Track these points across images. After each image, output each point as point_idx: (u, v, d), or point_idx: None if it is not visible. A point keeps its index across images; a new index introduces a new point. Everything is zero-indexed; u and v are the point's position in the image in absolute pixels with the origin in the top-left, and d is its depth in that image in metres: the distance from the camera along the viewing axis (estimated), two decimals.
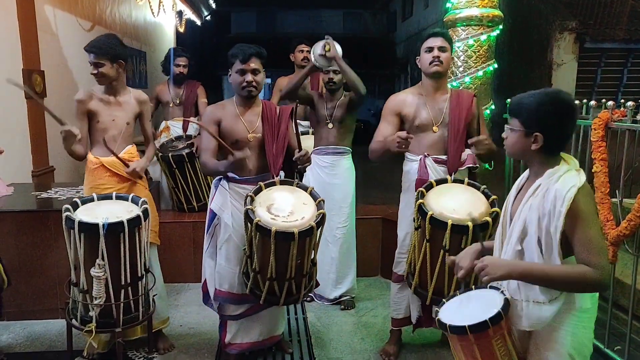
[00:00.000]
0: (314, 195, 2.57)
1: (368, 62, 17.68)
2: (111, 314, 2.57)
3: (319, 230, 2.46)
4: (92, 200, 2.68)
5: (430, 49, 2.73)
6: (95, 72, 2.79)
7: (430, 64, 2.73)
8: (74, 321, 2.65)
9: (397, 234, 2.99)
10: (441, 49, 2.72)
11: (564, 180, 1.63)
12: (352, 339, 3.28)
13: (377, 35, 22.30)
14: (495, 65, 3.42)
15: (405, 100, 2.85)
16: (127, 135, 2.96)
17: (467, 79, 3.40)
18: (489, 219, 2.41)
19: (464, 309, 1.81)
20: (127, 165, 2.89)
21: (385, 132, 2.80)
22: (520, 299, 1.71)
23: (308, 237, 2.39)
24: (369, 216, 4.26)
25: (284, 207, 2.46)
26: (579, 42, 9.49)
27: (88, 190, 2.91)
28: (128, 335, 2.95)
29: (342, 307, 3.73)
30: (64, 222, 2.48)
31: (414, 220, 2.64)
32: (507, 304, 1.70)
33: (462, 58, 3.39)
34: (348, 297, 3.78)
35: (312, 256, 2.56)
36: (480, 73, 3.38)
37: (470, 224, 2.31)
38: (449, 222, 2.37)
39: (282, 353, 3.06)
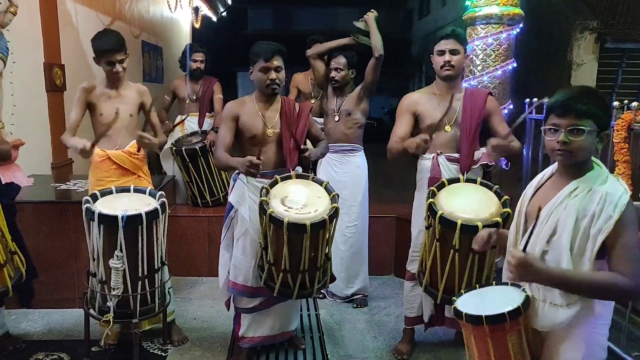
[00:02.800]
0: (328, 190, 2.59)
1: (383, 60, 17.60)
2: (128, 305, 2.60)
3: (333, 223, 2.47)
4: (110, 192, 2.72)
5: (442, 52, 2.72)
6: (121, 69, 2.85)
7: (441, 67, 2.73)
8: (91, 311, 2.69)
9: (410, 232, 2.99)
10: (453, 51, 2.70)
11: (612, 184, 1.62)
12: (365, 337, 3.28)
13: (392, 34, 22.19)
14: (515, 65, 3.39)
15: (419, 99, 2.86)
16: (132, 128, 3.00)
17: (485, 78, 3.38)
18: (499, 219, 2.39)
19: (482, 301, 1.80)
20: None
21: (400, 131, 2.81)
22: (538, 299, 1.71)
23: (321, 229, 2.40)
24: (382, 214, 4.26)
25: (297, 200, 2.48)
26: (600, 42, 9.36)
27: (93, 182, 2.95)
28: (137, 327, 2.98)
29: (355, 305, 3.73)
30: (84, 214, 2.51)
31: (425, 219, 2.63)
32: (527, 301, 1.69)
33: (480, 57, 3.36)
34: (360, 295, 3.78)
35: (327, 250, 2.58)
36: (500, 72, 3.35)
37: (479, 224, 2.31)
38: (459, 222, 2.36)
39: (294, 349, 3.07)
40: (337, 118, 3.62)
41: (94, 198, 2.64)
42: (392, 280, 4.25)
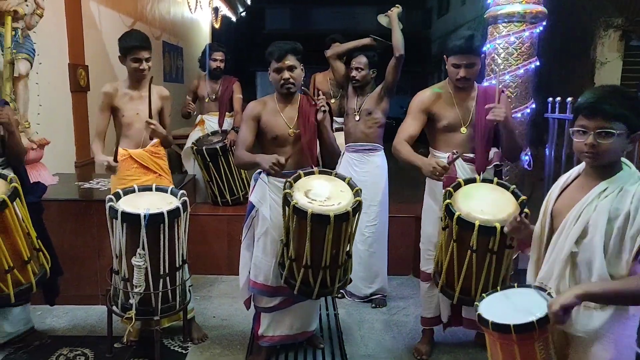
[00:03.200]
0: (351, 185, 2.59)
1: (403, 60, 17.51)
2: (150, 303, 2.64)
3: (355, 217, 2.46)
4: (133, 191, 2.76)
5: (457, 66, 2.67)
6: (145, 67, 2.89)
7: (457, 80, 2.70)
8: (114, 308, 2.73)
9: (423, 235, 2.99)
10: (469, 65, 2.66)
11: None
12: (384, 337, 3.27)
13: (411, 32, 22.02)
14: (538, 63, 3.34)
15: (434, 99, 2.81)
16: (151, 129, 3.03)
17: (507, 77, 3.33)
18: None
19: (506, 307, 1.76)
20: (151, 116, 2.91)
21: (410, 129, 2.79)
22: None
23: (344, 222, 2.40)
24: (401, 214, 4.24)
25: (321, 193, 2.49)
26: (625, 40, 9.18)
27: (115, 181, 3.00)
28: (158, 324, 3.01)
29: (374, 305, 3.72)
30: (107, 212, 2.56)
31: (441, 220, 2.61)
32: None
33: (502, 55, 3.32)
34: (379, 295, 3.77)
35: (348, 248, 2.57)
36: (522, 71, 3.30)
37: (498, 225, 2.29)
38: (477, 223, 2.34)
39: (313, 348, 3.07)
40: (357, 117, 3.62)
41: (117, 197, 2.68)
42: (411, 280, 4.23)
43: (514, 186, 2.53)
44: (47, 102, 4.03)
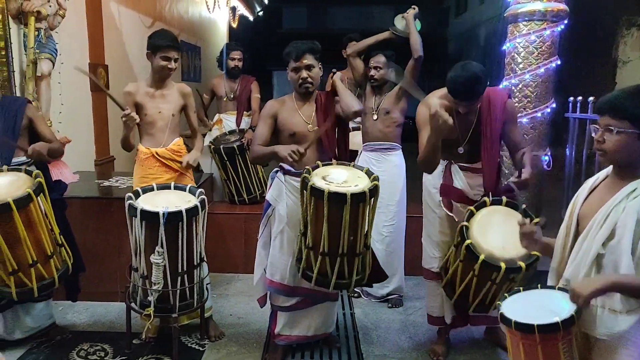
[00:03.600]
0: (368, 173, 2.58)
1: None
2: (168, 300, 2.67)
3: (372, 202, 2.45)
4: (152, 189, 2.79)
5: (458, 104, 2.55)
6: (173, 66, 2.92)
7: (458, 110, 2.59)
8: (133, 305, 2.77)
9: (424, 233, 3.03)
10: (469, 106, 2.55)
11: None
12: (400, 337, 3.26)
13: (428, 31, 21.90)
14: (559, 62, 3.30)
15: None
16: (174, 126, 3.06)
17: (527, 76, 3.30)
18: (537, 253, 2.30)
19: (529, 307, 1.74)
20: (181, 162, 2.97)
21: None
22: (595, 304, 1.65)
23: (361, 202, 2.38)
24: (418, 214, 4.20)
25: (338, 177, 2.49)
26: None
27: (138, 179, 3.03)
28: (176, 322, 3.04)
29: (390, 305, 3.71)
30: (126, 210, 2.59)
31: (455, 248, 2.60)
32: (580, 309, 1.63)
33: (522, 54, 3.28)
34: (396, 295, 3.75)
35: (365, 235, 2.54)
36: (542, 70, 3.26)
37: (523, 264, 2.33)
38: (503, 266, 2.37)
39: (329, 347, 3.07)
40: (375, 117, 3.61)
41: (136, 195, 2.71)
42: None
43: (524, 206, 2.46)
44: (69, 101, 4.09)
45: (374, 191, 2.42)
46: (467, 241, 2.46)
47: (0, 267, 2.52)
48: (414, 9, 3.55)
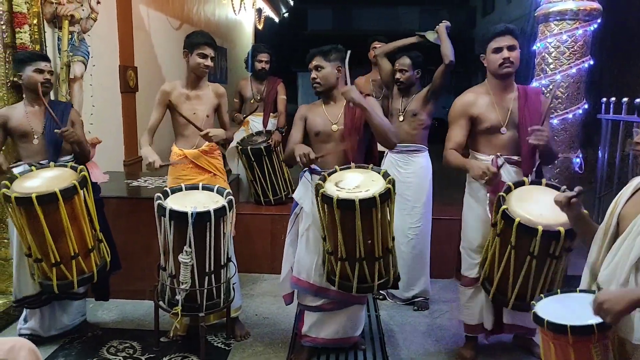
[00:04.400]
0: (385, 175, 2.55)
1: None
2: (195, 299, 2.69)
3: (387, 205, 2.43)
4: (180, 189, 2.82)
5: (499, 49, 2.62)
6: (209, 64, 2.98)
7: (500, 65, 2.62)
8: (161, 303, 2.81)
9: (463, 239, 2.93)
10: (510, 47, 2.60)
11: None
12: (426, 341, 3.23)
13: (455, 32, 21.70)
14: (591, 62, 3.23)
15: (472, 102, 2.76)
16: (208, 127, 3.08)
17: (558, 76, 3.23)
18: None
19: (564, 308, 1.71)
20: (200, 129, 2.97)
21: (457, 137, 2.75)
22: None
23: (372, 208, 2.36)
24: (445, 217, 4.18)
25: (351, 183, 2.48)
26: None
27: (172, 180, 3.07)
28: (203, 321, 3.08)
29: (416, 307, 3.68)
30: (156, 210, 2.62)
31: (494, 226, 2.56)
32: None
33: (553, 54, 3.22)
34: (422, 298, 3.72)
35: (386, 238, 2.52)
36: (574, 70, 3.19)
37: (562, 229, 2.21)
38: (540, 229, 2.27)
39: (354, 349, 3.06)
40: (401, 118, 3.59)
41: (165, 195, 2.75)
42: (453, 284, 4.15)
43: (564, 187, 2.45)
44: (99, 103, 4.18)
45: (386, 195, 2.39)
46: (503, 206, 2.41)
47: (43, 260, 2.60)
48: (446, 22, 3.52)
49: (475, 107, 2.74)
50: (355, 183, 2.48)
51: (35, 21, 3.33)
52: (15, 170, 2.84)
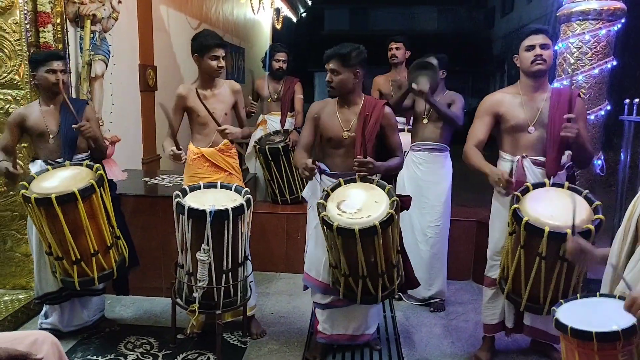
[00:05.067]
0: (390, 194, 2.53)
1: (462, 59, 17.14)
2: (212, 297, 2.71)
3: (389, 229, 2.41)
4: (198, 188, 2.84)
5: (532, 47, 2.62)
6: (223, 64, 2.96)
7: (532, 62, 2.62)
8: (178, 300, 2.83)
9: (490, 241, 2.90)
10: (543, 46, 2.60)
11: None
12: (442, 342, 3.21)
13: (473, 32, 21.56)
14: (615, 63, 3.18)
15: (501, 100, 2.76)
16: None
17: (580, 77, 3.18)
18: (590, 226, 2.27)
19: (586, 314, 1.68)
20: (219, 124, 2.97)
21: (479, 133, 2.75)
22: None
23: (373, 235, 2.35)
24: (462, 218, 4.15)
25: (353, 204, 2.45)
26: None
27: (187, 178, 3.08)
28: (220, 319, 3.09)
29: (432, 309, 3.66)
30: (174, 208, 2.64)
31: (508, 225, 2.54)
32: None
33: (575, 55, 3.17)
34: (438, 299, 3.70)
35: (390, 257, 2.52)
36: (596, 71, 3.15)
37: (569, 231, 2.19)
38: (546, 229, 2.26)
39: (370, 349, 3.06)
40: (425, 121, 3.56)
41: (184, 193, 2.77)
42: (470, 285, 4.13)
43: (586, 191, 2.42)
44: (119, 101, 4.22)
45: (387, 222, 2.37)
46: (515, 206, 2.40)
47: (64, 257, 2.64)
48: (421, 85, 3.34)
49: (503, 105, 2.73)
50: (357, 205, 2.44)
51: (58, 20, 3.37)
52: (32, 168, 2.90)
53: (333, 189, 2.56)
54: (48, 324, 3.06)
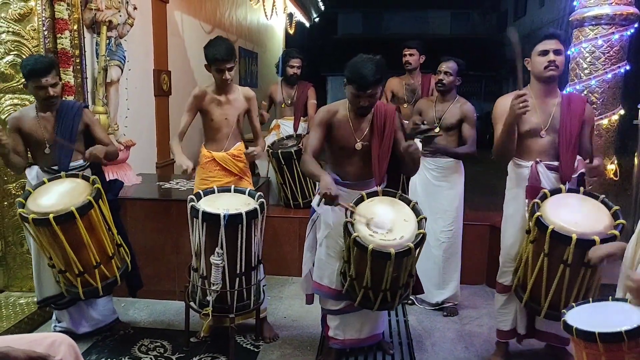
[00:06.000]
0: (416, 211, 2.53)
1: (475, 63, 17.06)
2: (226, 300, 2.73)
3: (418, 250, 2.43)
4: (212, 192, 2.87)
5: (545, 52, 2.60)
6: (230, 77, 2.97)
7: (545, 68, 2.60)
8: (192, 304, 2.85)
9: (502, 247, 2.88)
10: (556, 52, 2.59)
11: None
12: (455, 347, 3.20)
13: (485, 36, 21.48)
14: (628, 67, 3.16)
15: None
16: (238, 131, 3.13)
17: (593, 82, 3.17)
18: (615, 232, 2.26)
19: (595, 317, 1.69)
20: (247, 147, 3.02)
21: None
22: None
23: (405, 257, 2.37)
24: (475, 222, 4.13)
25: (383, 224, 2.43)
26: None
27: (198, 182, 3.11)
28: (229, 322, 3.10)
29: (445, 313, 3.65)
30: (189, 212, 2.67)
31: (528, 233, 2.53)
32: None
33: (588, 59, 3.16)
34: (451, 303, 3.69)
35: (412, 270, 2.56)
36: (609, 76, 3.13)
37: (597, 238, 2.17)
38: (574, 237, 2.24)
39: (383, 353, 3.06)
40: (437, 130, 3.54)
41: (198, 197, 2.80)
42: (483, 290, 4.11)
43: (603, 196, 2.41)
44: (134, 106, 4.28)
45: (419, 243, 2.39)
46: (537, 213, 2.38)
47: (67, 271, 2.68)
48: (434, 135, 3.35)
49: None
50: (387, 224, 2.43)
51: (75, 27, 3.43)
52: (28, 175, 2.89)
53: (357, 203, 2.53)
54: (61, 327, 3.10)
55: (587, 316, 1.69)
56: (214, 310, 2.73)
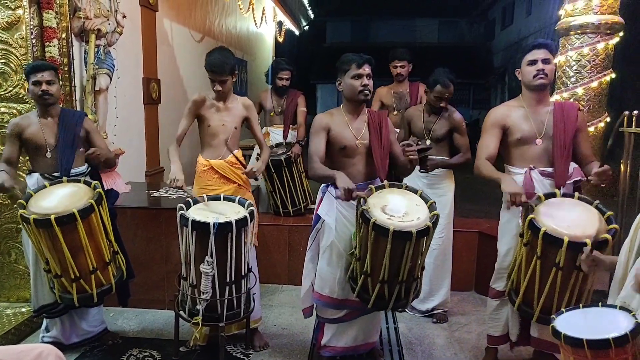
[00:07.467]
0: (424, 198, 2.58)
1: (463, 71, 17.21)
2: (216, 309, 2.71)
3: (432, 232, 2.46)
4: (202, 200, 2.86)
5: (534, 62, 2.65)
6: (221, 88, 2.96)
7: (534, 77, 2.65)
8: (182, 313, 2.83)
9: (496, 249, 2.90)
10: (545, 61, 2.64)
11: None
12: (445, 353, 3.21)
13: (473, 44, 21.70)
14: (613, 75, 3.21)
15: (507, 113, 2.78)
16: (235, 139, 3.13)
17: (579, 90, 3.22)
18: (607, 236, 2.29)
19: (585, 323, 1.71)
20: (245, 166, 3.03)
21: (490, 147, 2.76)
22: None
23: (425, 236, 2.40)
24: (464, 229, 4.16)
25: (398, 208, 2.48)
26: None
27: (197, 190, 3.10)
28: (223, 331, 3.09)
29: (435, 320, 3.66)
30: (178, 220, 2.66)
31: (522, 236, 2.55)
32: (637, 328, 1.57)
33: (574, 68, 3.21)
34: (441, 310, 3.70)
35: (424, 260, 2.58)
36: (595, 83, 3.18)
37: (588, 241, 2.20)
38: (565, 239, 2.26)
39: None
40: (428, 142, 3.56)
41: (187, 205, 2.78)
42: (472, 296, 4.13)
43: (597, 201, 2.44)
44: (123, 114, 4.26)
45: (435, 222, 2.44)
46: (530, 216, 2.41)
47: (63, 275, 2.65)
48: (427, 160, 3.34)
49: (509, 117, 2.76)
50: (402, 209, 2.48)
51: (63, 35, 3.42)
52: (29, 182, 2.88)
53: (368, 195, 2.56)
54: (50, 337, 3.06)
55: (576, 322, 1.71)
56: (203, 319, 2.71)
